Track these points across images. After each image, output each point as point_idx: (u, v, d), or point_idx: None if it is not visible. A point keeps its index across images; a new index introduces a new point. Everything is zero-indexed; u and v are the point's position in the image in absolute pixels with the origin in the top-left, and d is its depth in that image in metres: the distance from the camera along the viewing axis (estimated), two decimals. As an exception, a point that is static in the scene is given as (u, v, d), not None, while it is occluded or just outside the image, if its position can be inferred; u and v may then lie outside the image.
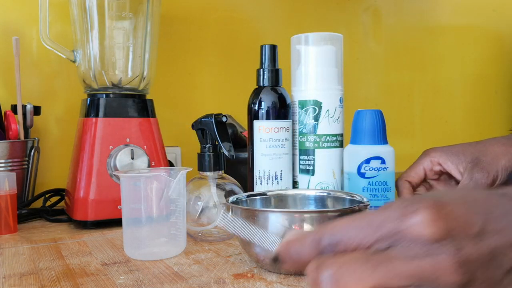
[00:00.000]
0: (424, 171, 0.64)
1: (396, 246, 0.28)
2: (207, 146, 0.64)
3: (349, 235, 0.30)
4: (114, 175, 0.73)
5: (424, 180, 0.66)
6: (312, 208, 0.59)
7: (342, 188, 0.69)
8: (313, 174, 0.67)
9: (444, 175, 0.66)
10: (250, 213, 0.49)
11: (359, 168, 0.60)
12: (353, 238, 0.30)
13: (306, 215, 0.47)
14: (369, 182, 0.59)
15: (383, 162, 0.59)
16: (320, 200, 0.59)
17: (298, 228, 0.46)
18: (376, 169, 0.59)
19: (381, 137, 0.60)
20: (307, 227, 0.46)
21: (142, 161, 0.75)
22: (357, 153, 0.60)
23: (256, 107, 0.67)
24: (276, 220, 0.47)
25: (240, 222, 0.44)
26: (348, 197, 0.56)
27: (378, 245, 0.29)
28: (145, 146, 0.76)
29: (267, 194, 0.60)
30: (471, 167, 0.59)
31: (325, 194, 0.59)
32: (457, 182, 0.62)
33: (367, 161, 0.59)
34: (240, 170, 0.81)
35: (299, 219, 0.47)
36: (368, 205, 0.50)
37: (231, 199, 0.55)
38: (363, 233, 0.29)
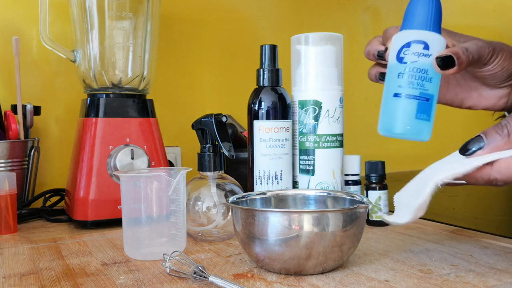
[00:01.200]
0: None
1: None
2: (207, 146, 0.64)
3: None
4: (114, 175, 0.73)
5: None
6: (312, 208, 0.59)
7: (342, 188, 0.69)
8: (313, 174, 0.67)
9: None
10: (250, 213, 0.49)
11: (398, 52, 0.53)
12: None
13: (306, 215, 0.47)
14: (406, 67, 0.52)
15: (426, 47, 0.52)
16: (320, 200, 0.59)
17: (298, 228, 0.46)
18: (416, 53, 0.52)
19: (431, 24, 0.53)
20: (307, 227, 0.46)
21: (142, 161, 0.75)
22: (400, 37, 0.54)
23: (256, 107, 0.67)
24: (275, 220, 0.47)
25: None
26: (348, 197, 0.56)
27: None
28: (145, 146, 0.76)
29: (267, 194, 0.60)
30: (472, 40, 0.56)
31: (325, 194, 0.59)
32: None
33: (408, 44, 0.53)
34: (240, 170, 0.81)
35: (299, 219, 0.47)
36: (368, 205, 0.50)
37: (231, 199, 0.55)
38: None
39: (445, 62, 0.51)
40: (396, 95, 0.52)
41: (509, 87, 0.58)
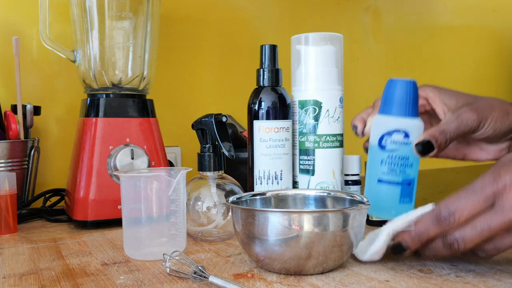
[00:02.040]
0: None
1: (497, 202, 0.44)
2: (207, 146, 0.64)
3: (460, 204, 0.45)
4: (114, 175, 0.73)
5: None
6: (312, 208, 0.59)
7: (342, 188, 0.69)
8: (313, 174, 0.67)
9: (425, 115, 0.62)
10: (250, 213, 0.49)
11: (380, 139, 0.56)
12: (464, 207, 0.45)
13: (306, 215, 0.47)
14: (388, 155, 0.55)
15: (407, 136, 0.55)
16: (320, 200, 0.59)
17: (298, 228, 0.46)
18: (397, 142, 0.55)
19: (410, 110, 0.55)
20: (307, 227, 0.46)
21: (142, 161, 0.75)
22: (380, 124, 0.56)
23: (256, 107, 0.67)
24: (275, 220, 0.47)
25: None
26: (348, 197, 0.56)
27: (484, 205, 0.44)
28: (145, 146, 0.76)
29: (267, 194, 0.60)
30: (459, 107, 0.56)
31: (325, 194, 0.59)
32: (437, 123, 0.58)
33: (389, 133, 0.55)
34: (240, 170, 0.81)
35: (299, 219, 0.47)
36: (368, 205, 0.50)
37: (231, 199, 0.55)
38: (471, 201, 0.45)
39: (424, 147, 0.53)
40: (380, 181, 0.55)
41: (509, 140, 0.59)
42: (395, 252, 0.50)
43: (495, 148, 0.60)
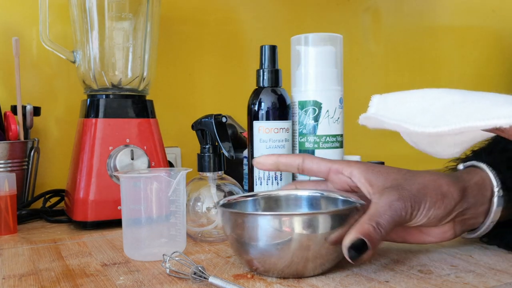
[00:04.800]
0: (328, 170, 0.56)
1: None
2: (207, 146, 0.64)
3: None
4: (114, 175, 0.73)
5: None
6: (304, 208, 0.58)
7: (342, 188, 0.69)
8: (313, 175, 0.67)
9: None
10: (238, 217, 0.48)
11: None
12: None
13: (296, 218, 0.46)
14: None
15: None
16: (313, 200, 0.58)
17: (289, 230, 0.46)
18: None
19: None
20: (297, 229, 0.45)
21: (142, 161, 0.75)
22: None
23: (256, 108, 0.67)
24: (266, 223, 0.46)
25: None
26: (341, 197, 0.55)
27: None
28: (145, 147, 0.76)
29: (259, 195, 0.58)
30: (387, 187, 0.50)
31: (318, 194, 0.58)
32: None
33: None
34: (240, 171, 0.81)
35: (289, 222, 0.46)
36: (363, 205, 0.49)
37: (221, 201, 0.54)
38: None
39: (357, 249, 0.44)
40: None
41: (450, 222, 0.52)
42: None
43: (437, 231, 0.53)
